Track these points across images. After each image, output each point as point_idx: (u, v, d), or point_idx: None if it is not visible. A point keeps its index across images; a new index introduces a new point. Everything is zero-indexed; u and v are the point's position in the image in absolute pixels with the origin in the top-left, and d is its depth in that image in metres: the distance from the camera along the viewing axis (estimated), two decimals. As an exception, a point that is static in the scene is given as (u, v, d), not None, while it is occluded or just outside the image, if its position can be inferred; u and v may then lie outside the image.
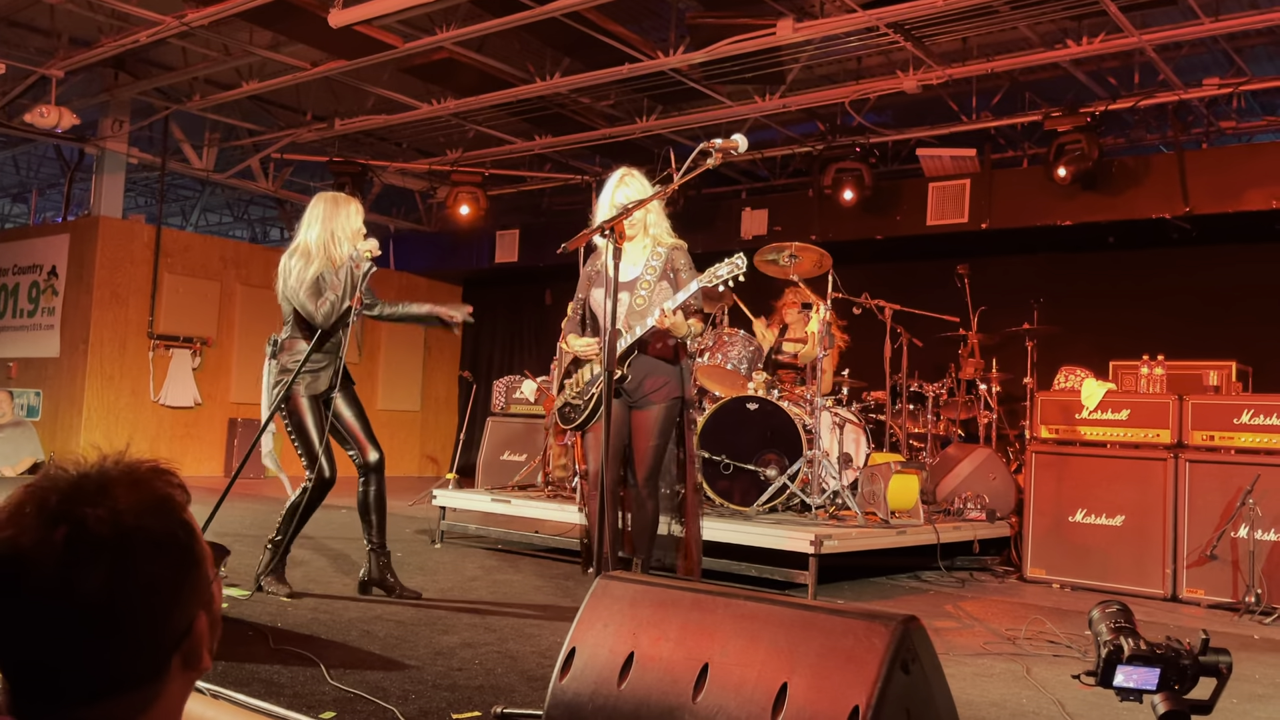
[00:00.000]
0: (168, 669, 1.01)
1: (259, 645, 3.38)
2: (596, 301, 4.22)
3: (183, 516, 1.05)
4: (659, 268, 4.14)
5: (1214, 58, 7.45)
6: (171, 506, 1.04)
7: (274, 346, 4.47)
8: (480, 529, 6.43)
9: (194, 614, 1.04)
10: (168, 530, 1.02)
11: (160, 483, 1.05)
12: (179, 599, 1.02)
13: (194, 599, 1.04)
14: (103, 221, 10.03)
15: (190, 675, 1.05)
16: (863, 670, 1.86)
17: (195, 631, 1.04)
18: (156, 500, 1.03)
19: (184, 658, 1.03)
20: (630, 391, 4.13)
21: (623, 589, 2.26)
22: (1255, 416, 5.48)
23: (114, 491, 1.00)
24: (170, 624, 1.01)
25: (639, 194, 4.05)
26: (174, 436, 10.42)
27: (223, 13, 7.14)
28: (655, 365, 4.12)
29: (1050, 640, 4.23)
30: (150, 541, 1.00)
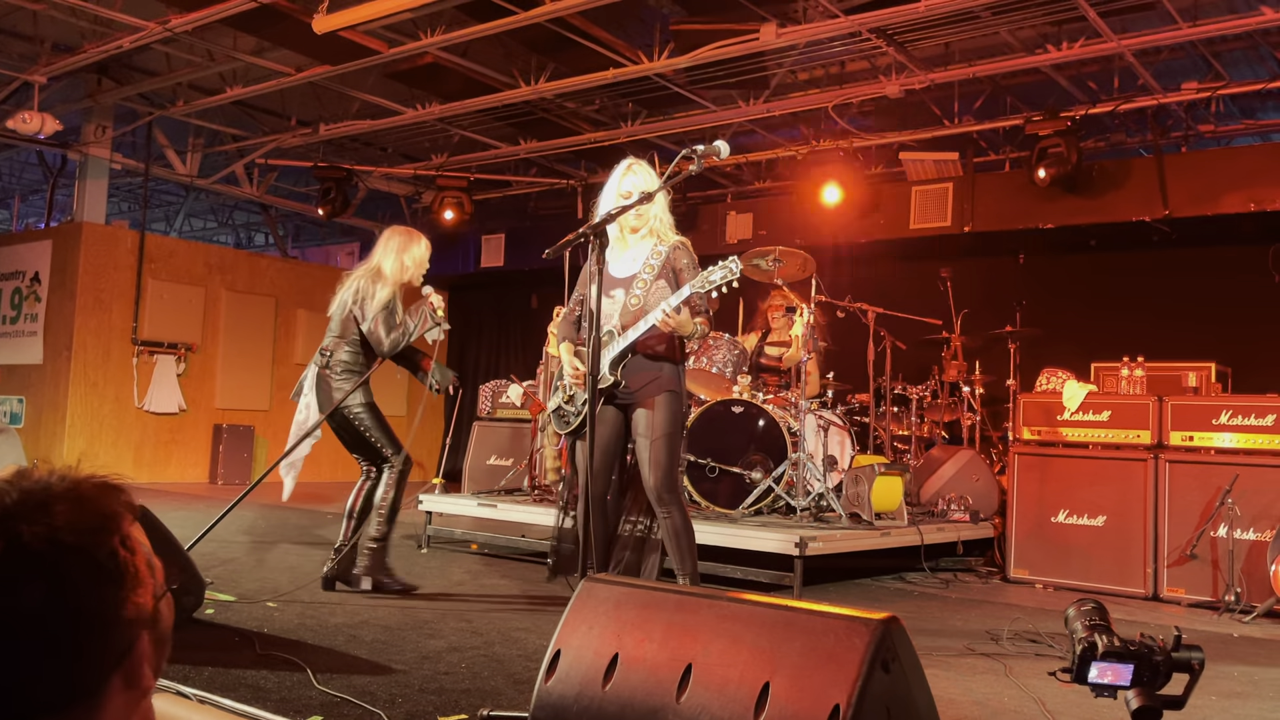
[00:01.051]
0: (106, 688, 0.99)
1: (245, 650, 3.38)
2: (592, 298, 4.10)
3: (127, 533, 1.03)
4: (658, 266, 3.96)
5: (1192, 62, 7.53)
6: (116, 525, 1.02)
7: (326, 356, 4.70)
8: (467, 533, 6.44)
9: (136, 633, 1.01)
10: (108, 548, 1.00)
11: (105, 499, 1.03)
12: (119, 618, 1.00)
13: (134, 619, 1.01)
14: (86, 227, 10.00)
15: (133, 694, 1.02)
16: (843, 669, 1.88)
17: (137, 651, 1.01)
18: (99, 518, 1.01)
19: (125, 677, 1.01)
20: (624, 390, 3.93)
21: (607, 591, 2.28)
22: (1234, 417, 5.54)
23: (54, 508, 0.98)
24: (109, 643, 0.99)
25: (646, 183, 3.92)
26: (158, 443, 10.38)
27: (206, 18, 7.13)
28: (649, 362, 3.93)
29: (1032, 640, 4.27)
30: (88, 560, 0.98)
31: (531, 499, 6.45)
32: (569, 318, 4.21)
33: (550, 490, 6.63)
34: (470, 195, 10.62)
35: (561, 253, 3.30)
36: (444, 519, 6.60)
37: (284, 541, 6.27)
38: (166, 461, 10.41)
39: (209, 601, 4.08)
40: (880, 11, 6.66)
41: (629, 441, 4.03)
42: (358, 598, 4.50)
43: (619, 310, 3.92)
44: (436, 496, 6.56)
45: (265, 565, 5.20)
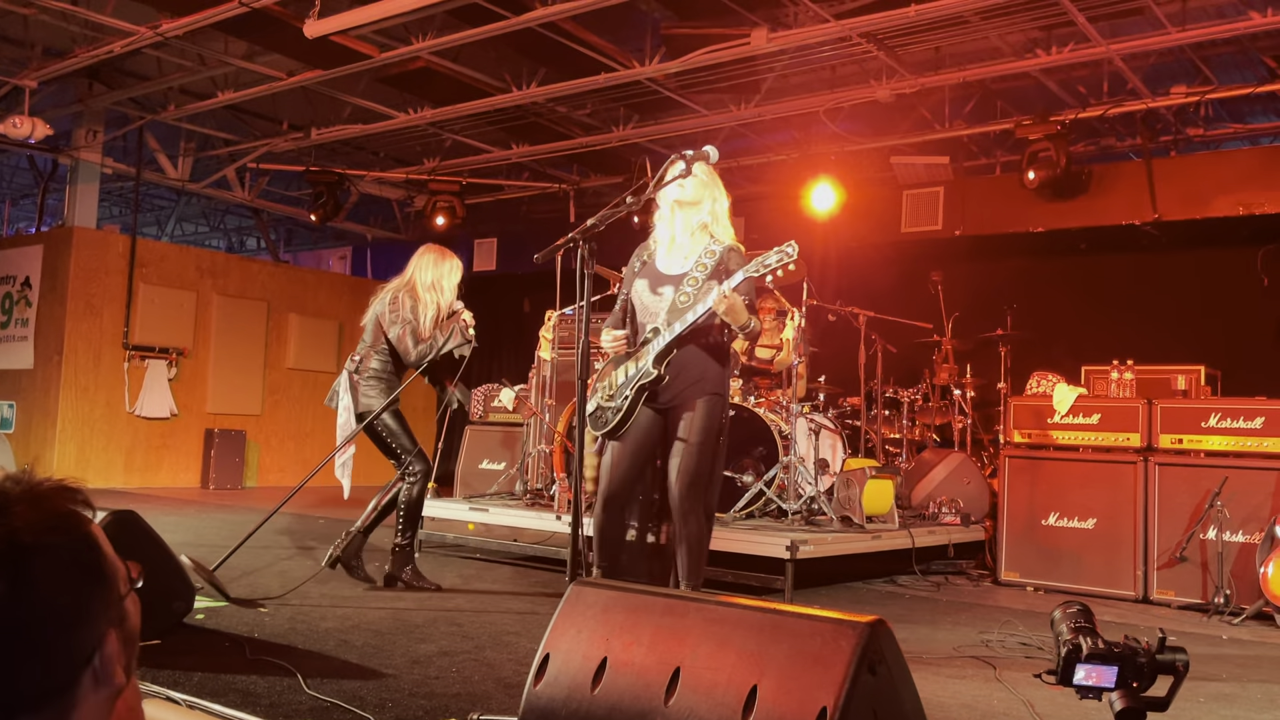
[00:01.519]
0: (76, 688, 1.00)
1: (235, 656, 3.38)
2: (637, 294, 3.85)
3: (86, 531, 1.04)
4: (710, 266, 3.72)
5: (1181, 66, 7.57)
6: (74, 523, 1.03)
7: (356, 363, 4.95)
8: (458, 538, 6.43)
9: (102, 631, 1.02)
10: (69, 547, 1.01)
11: (62, 500, 1.04)
12: (85, 615, 1.01)
13: (101, 616, 1.02)
14: (77, 232, 9.98)
15: (104, 694, 1.03)
16: (830, 672, 1.89)
17: (105, 649, 1.02)
18: (57, 517, 1.02)
19: (95, 676, 1.02)
20: (665, 391, 3.71)
21: (595, 595, 2.29)
22: (1223, 420, 5.57)
23: (12, 510, 0.99)
24: (75, 642, 1.00)
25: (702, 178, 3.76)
26: (149, 448, 10.36)
27: (197, 23, 7.14)
28: (694, 360, 3.72)
29: (1022, 642, 4.28)
30: (49, 559, 0.99)
31: (523, 503, 6.45)
32: (616, 314, 4.05)
33: (542, 494, 6.63)
34: (462, 199, 10.63)
35: (552, 257, 3.30)
36: (436, 523, 6.60)
37: (275, 546, 6.26)
38: (158, 466, 10.39)
39: (199, 607, 4.07)
40: (870, 16, 6.68)
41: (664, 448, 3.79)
42: (349, 601, 4.50)
43: (667, 308, 3.73)
44: (428, 501, 6.54)
45: (257, 570, 5.19)
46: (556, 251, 3.25)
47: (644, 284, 3.84)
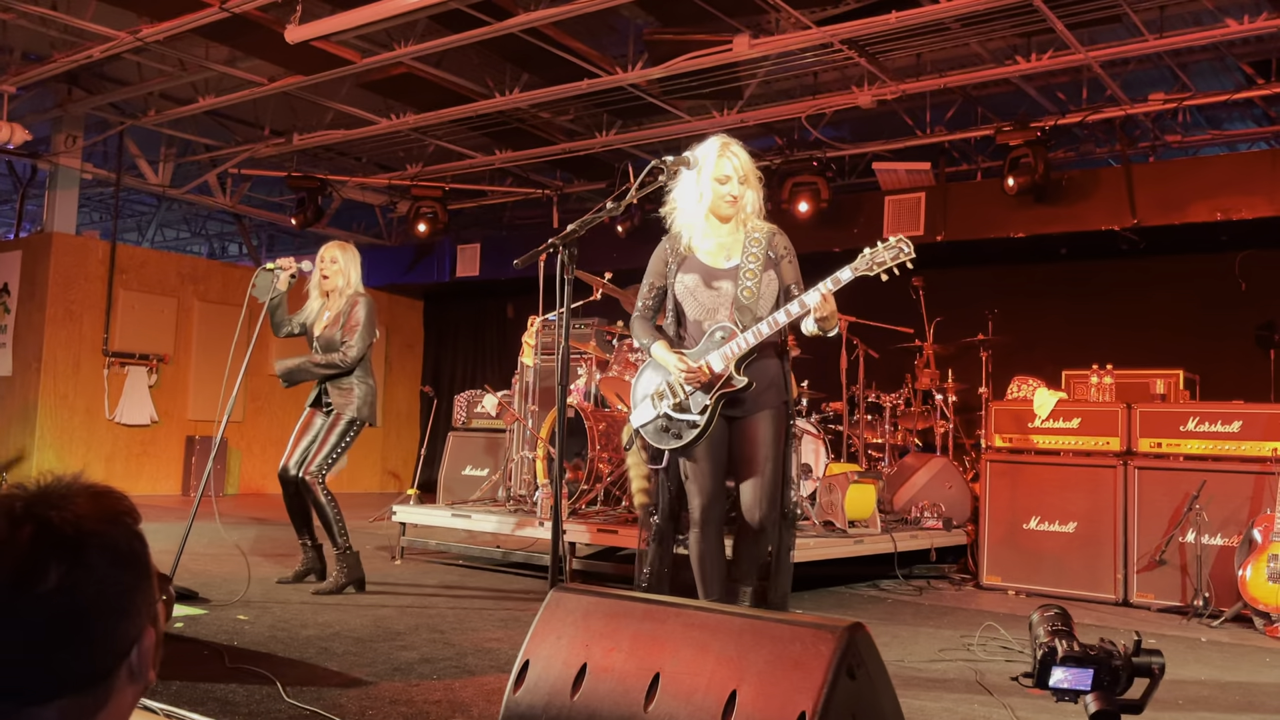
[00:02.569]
0: (116, 676, 1.05)
1: (214, 664, 3.36)
2: (687, 289, 3.57)
3: (136, 530, 1.11)
4: (761, 255, 3.53)
5: (1159, 73, 7.64)
6: (127, 521, 1.10)
7: None
8: (441, 544, 6.42)
9: (143, 625, 1.08)
10: (124, 539, 1.08)
11: (116, 498, 1.11)
12: (131, 607, 1.07)
13: (145, 610, 1.09)
14: (56, 238, 9.91)
15: (136, 689, 1.08)
16: (809, 677, 1.89)
17: (144, 644, 1.08)
18: (114, 512, 1.09)
19: (131, 669, 1.07)
20: (739, 399, 3.47)
21: (575, 601, 2.29)
22: (1201, 424, 5.61)
23: (75, 500, 1.06)
24: (122, 629, 1.05)
25: (745, 165, 3.62)
26: (129, 455, 10.28)
27: (178, 28, 7.11)
28: (764, 365, 3.51)
29: (1003, 646, 4.30)
30: (108, 547, 1.05)
31: (506, 509, 6.43)
32: (642, 315, 3.72)
33: (525, 501, 6.62)
34: (445, 205, 10.61)
35: (533, 262, 3.30)
36: (418, 530, 6.58)
37: (255, 554, 6.22)
38: (138, 474, 10.31)
39: (179, 614, 4.04)
40: (852, 23, 6.72)
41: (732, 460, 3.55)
42: (331, 608, 4.47)
43: (728, 303, 3.47)
44: (410, 508, 6.53)
45: (236, 578, 5.16)
46: (537, 257, 3.25)
47: (694, 279, 3.56)
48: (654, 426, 3.57)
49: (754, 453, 3.45)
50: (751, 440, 3.45)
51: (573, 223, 3.29)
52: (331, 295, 5.14)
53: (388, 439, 12.84)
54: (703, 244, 3.61)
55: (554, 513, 3.20)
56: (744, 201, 3.60)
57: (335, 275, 5.11)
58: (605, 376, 6.44)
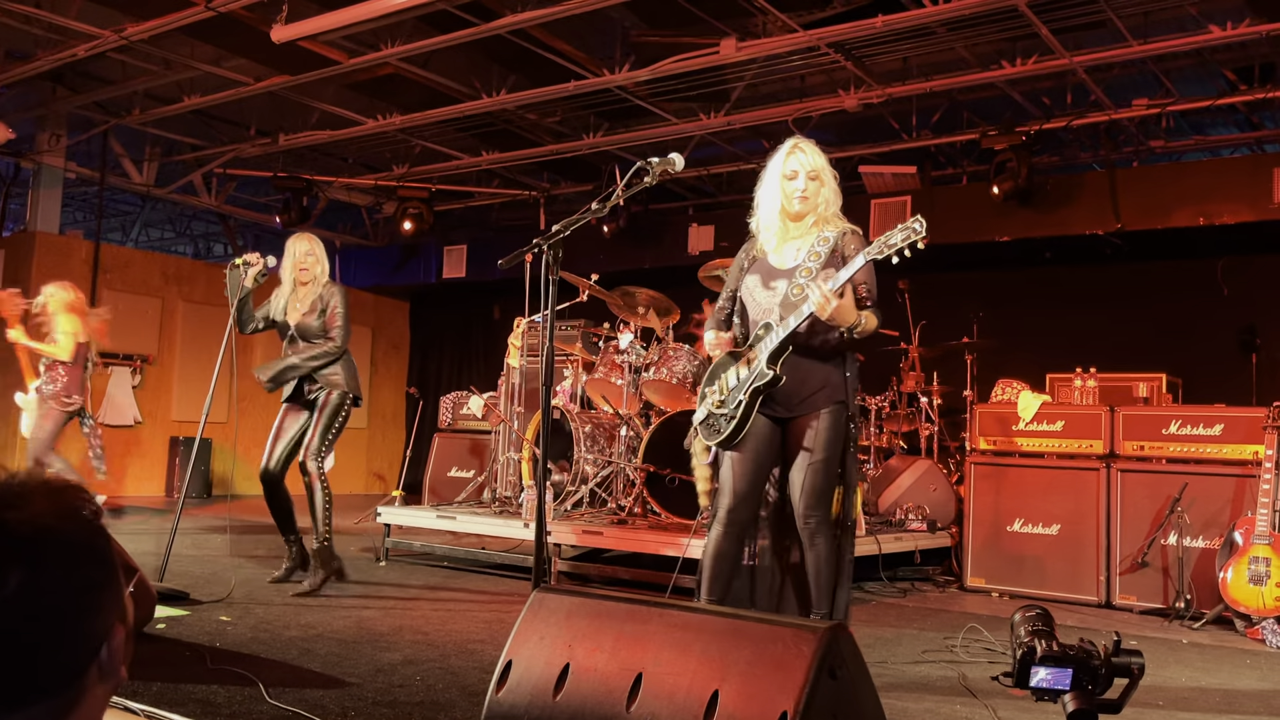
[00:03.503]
0: (87, 676, 1.03)
1: (196, 665, 3.34)
2: (749, 290, 3.56)
3: (98, 524, 1.08)
4: (824, 254, 3.42)
5: (1144, 79, 7.69)
6: (87, 516, 1.07)
7: None
8: (425, 546, 6.40)
9: (111, 623, 1.05)
10: (85, 536, 1.05)
11: (74, 495, 1.08)
12: (97, 606, 1.04)
13: (111, 608, 1.06)
14: (39, 237, 9.84)
15: (107, 687, 1.06)
16: (791, 677, 1.90)
17: (113, 642, 1.05)
18: (72, 509, 1.06)
19: (101, 668, 1.04)
20: (783, 399, 3.42)
21: (558, 601, 2.28)
22: (1183, 427, 5.64)
23: (33, 499, 1.03)
24: (88, 630, 1.03)
25: (814, 161, 3.51)
26: (113, 455, 10.19)
27: (162, 27, 7.07)
28: (814, 365, 3.43)
29: (986, 648, 4.32)
30: (69, 546, 1.02)
31: (491, 511, 6.43)
32: (719, 314, 3.73)
33: (510, 502, 6.61)
34: (432, 206, 10.60)
35: (518, 262, 3.29)
36: (403, 531, 6.56)
37: (239, 555, 6.19)
38: (122, 475, 10.25)
39: (161, 616, 4.02)
40: (838, 26, 6.74)
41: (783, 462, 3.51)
42: (314, 609, 4.45)
43: (779, 302, 3.43)
44: (395, 509, 6.51)
45: (219, 579, 5.14)
46: (522, 257, 3.25)
47: (755, 280, 3.54)
48: (705, 423, 3.56)
49: (799, 453, 3.41)
50: (797, 441, 3.42)
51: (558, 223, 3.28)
52: (307, 285, 5.22)
53: (373, 441, 12.80)
54: (772, 243, 3.59)
55: (538, 514, 3.19)
56: (817, 200, 3.52)
57: (313, 265, 5.21)
58: (591, 378, 6.44)
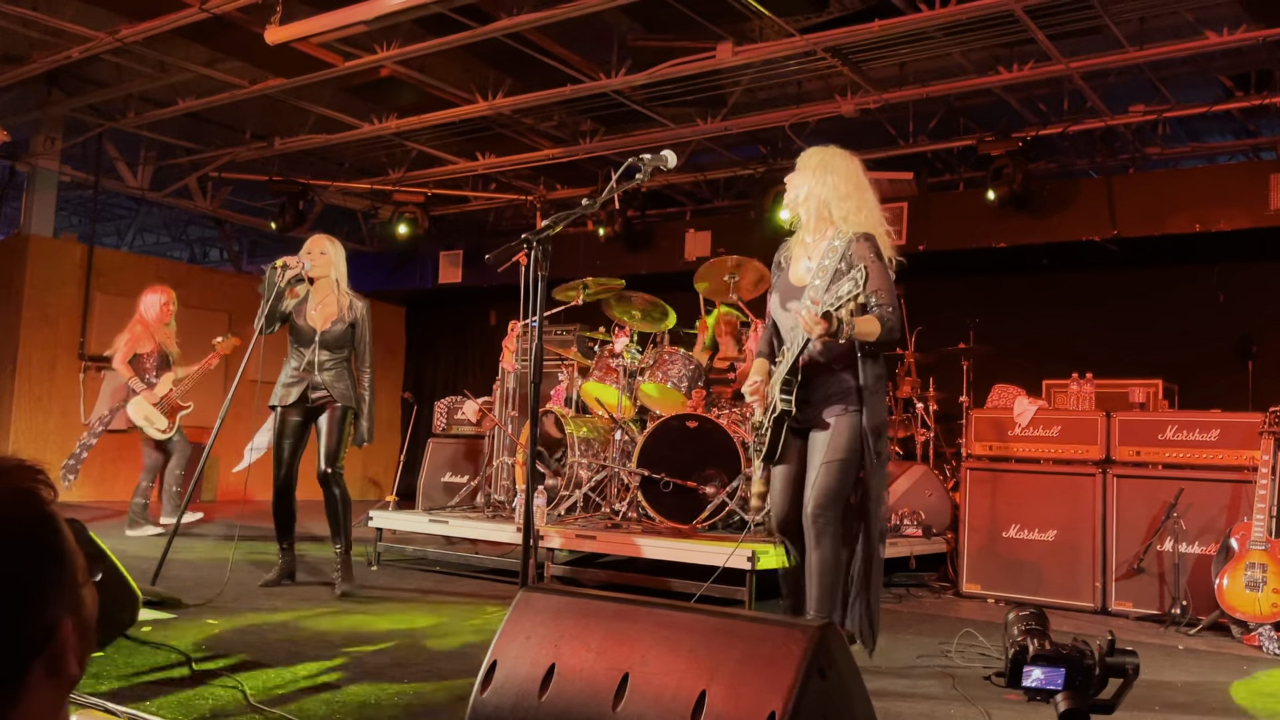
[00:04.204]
0: (26, 675, 0.96)
1: (179, 667, 3.30)
2: (774, 311, 3.59)
3: (45, 511, 1.01)
4: (831, 266, 3.39)
5: (1140, 86, 7.67)
6: (33, 500, 1.00)
7: None
8: (418, 550, 6.36)
9: (57, 616, 0.99)
10: (24, 524, 0.98)
11: (21, 477, 1.01)
12: (38, 598, 0.97)
13: (57, 600, 0.99)
14: (33, 240, 9.81)
15: (57, 684, 1.00)
16: (780, 676, 1.87)
17: (59, 636, 0.99)
18: (16, 492, 0.99)
19: (47, 664, 0.97)
20: (800, 409, 3.47)
21: (545, 601, 2.25)
22: (1179, 432, 5.62)
23: None
24: (26, 624, 0.96)
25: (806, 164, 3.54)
26: (105, 459, 10.15)
27: (157, 29, 7.05)
28: (826, 373, 3.46)
29: (981, 653, 4.28)
30: (6, 534, 0.96)
31: (485, 515, 6.39)
32: (765, 331, 3.73)
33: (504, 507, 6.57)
34: (427, 211, 10.57)
35: (506, 260, 3.26)
36: (396, 535, 6.51)
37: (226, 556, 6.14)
38: (114, 479, 10.19)
39: (145, 618, 3.98)
40: (835, 31, 6.73)
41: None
42: (303, 612, 4.41)
43: (793, 324, 3.41)
44: (388, 513, 6.47)
45: (206, 581, 5.09)
46: (510, 253, 3.22)
47: (776, 300, 3.56)
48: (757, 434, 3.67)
49: (812, 459, 3.46)
50: (811, 448, 3.48)
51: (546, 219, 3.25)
52: (320, 285, 5.14)
53: (367, 446, 12.69)
54: (796, 254, 3.63)
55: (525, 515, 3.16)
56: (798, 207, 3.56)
57: (325, 265, 5.13)
58: (586, 382, 6.40)
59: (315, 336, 5.06)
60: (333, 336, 5.08)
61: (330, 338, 5.07)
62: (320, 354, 5.05)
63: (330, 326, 5.07)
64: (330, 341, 5.07)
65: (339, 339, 5.09)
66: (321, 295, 5.15)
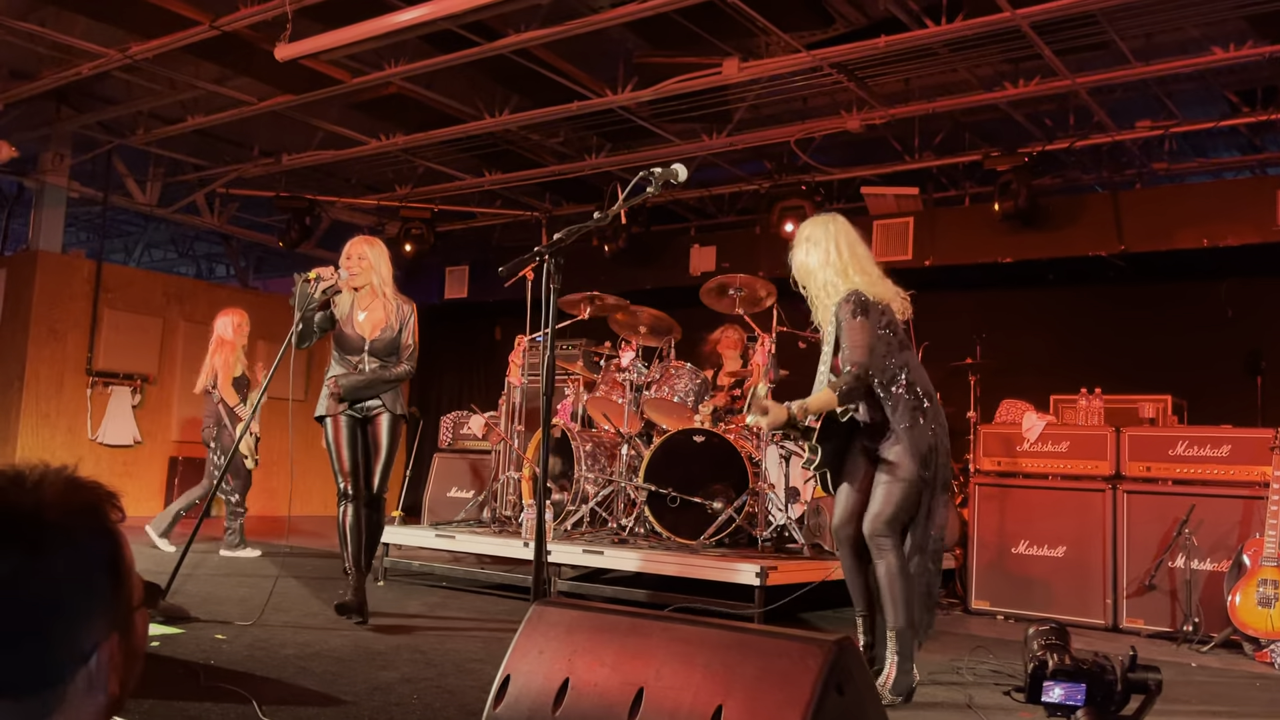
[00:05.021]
0: (68, 683, 0.96)
1: (189, 683, 3.28)
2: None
3: (110, 527, 1.02)
4: (832, 335, 3.72)
5: (1146, 102, 7.68)
6: (103, 516, 1.02)
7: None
8: (424, 566, 6.34)
9: (106, 633, 0.98)
10: (92, 534, 1.00)
11: (97, 494, 1.03)
12: (89, 608, 0.98)
13: (107, 615, 0.99)
14: (41, 256, 9.84)
15: (97, 701, 0.98)
16: (797, 692, 1.85)
17: (105, 650, 0.98)
18: (87, 506, 1.01)
19: (88, 678, 0.97)
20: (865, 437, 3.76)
21: (558, 615, 2.23)
22: (1189, 448, 5.59)
23: (45, 485, 0.99)
24: (75, 631, 0.96)
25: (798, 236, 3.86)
26: (112, 475, 10.15)
27: (167, 46, 7.09)
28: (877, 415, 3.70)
29: (993, 669, 4.25)
30: (69, 542, 0.97)
31: (491, 530, 6.37)
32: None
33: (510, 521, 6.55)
34: (434, 227, 10.59)
35: (517, 274, 3.26)
36: (401, 552, 6.50)
37: (236, 574, 6.13)
38: (120, 495, 10.16)
39: (155, 634, 3.97)
40: (841, 47, 6.75)
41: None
42: (312, 628, 4.39)
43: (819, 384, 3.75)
44: (394, 528, 6.45)
45: (215, 597, 5.08)
46: (522, 266, 3.21)
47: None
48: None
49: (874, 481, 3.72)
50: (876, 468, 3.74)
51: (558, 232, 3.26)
52: (362, 292, 4.87)
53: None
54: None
55: (537, 529, 3.15)
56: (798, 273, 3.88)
57: (366, 271, 4.84)
58: (592, 397, 6.40)
59: (365, 345, 4.80)
60: (382, 345, 4.82)
61: (380, 346, 4.82)
62: (370, 362, 4.80)
63: (380, 335, 4.82)
64: (380, 350, 4.82)
65: (388, 346, 4.83)
66: (367, 302, 4.87)
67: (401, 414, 4.88)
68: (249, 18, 6.62)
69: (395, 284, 5.00)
